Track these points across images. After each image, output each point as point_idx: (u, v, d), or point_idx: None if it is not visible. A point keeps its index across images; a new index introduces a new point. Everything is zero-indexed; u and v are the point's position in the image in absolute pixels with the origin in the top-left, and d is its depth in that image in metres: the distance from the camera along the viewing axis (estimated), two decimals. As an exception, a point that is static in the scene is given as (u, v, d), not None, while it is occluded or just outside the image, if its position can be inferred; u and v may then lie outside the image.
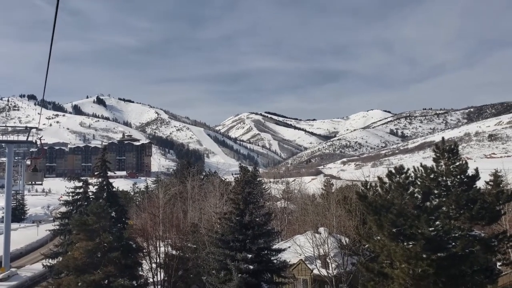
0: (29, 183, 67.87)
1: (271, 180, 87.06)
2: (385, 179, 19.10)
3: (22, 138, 54.87)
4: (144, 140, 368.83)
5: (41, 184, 64.58)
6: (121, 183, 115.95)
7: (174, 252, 35.34)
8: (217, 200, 39.92)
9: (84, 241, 30.32)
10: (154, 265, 35.47)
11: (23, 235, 69.78)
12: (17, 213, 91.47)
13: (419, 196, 18.36)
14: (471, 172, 21.28)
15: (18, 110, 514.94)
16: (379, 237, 17.81)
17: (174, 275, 33.52)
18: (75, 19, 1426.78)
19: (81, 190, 45.19)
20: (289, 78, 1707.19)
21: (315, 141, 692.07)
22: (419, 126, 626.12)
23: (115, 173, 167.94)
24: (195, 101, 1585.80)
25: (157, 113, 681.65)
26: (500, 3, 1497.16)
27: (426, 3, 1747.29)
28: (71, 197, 46.04)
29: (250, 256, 24.98)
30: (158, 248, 36.26)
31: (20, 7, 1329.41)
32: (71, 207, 45.79)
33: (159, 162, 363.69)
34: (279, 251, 27.27)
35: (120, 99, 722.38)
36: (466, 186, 20.78)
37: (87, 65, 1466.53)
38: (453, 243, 16.21)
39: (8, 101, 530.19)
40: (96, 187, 45.06)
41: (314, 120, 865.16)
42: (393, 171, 18.77)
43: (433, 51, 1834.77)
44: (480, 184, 22.72)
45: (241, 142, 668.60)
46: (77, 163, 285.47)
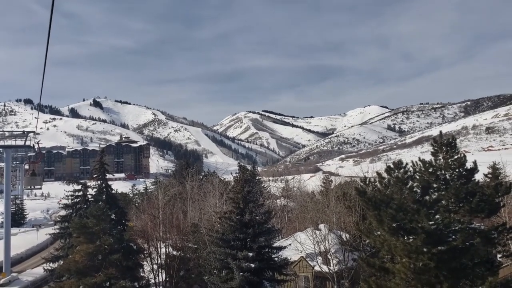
0: (28, 187, 67.76)
1: (270, 178, 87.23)
2: (384, 174, 19.13)
3: (19, 142, 54.61)
4: (141, 141, 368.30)
5: (40, 188, 64.44)
6: (120, 185, 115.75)
7: (175, 252, 35.37)
8: (216, 199, 39.91)
9: (84, 244, 30.34)
10: (155, 266, 35.50)
11: (23, 240, 69.72)
12: (17, 218, 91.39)
13: (418, 190, 18.39)
14: (469, 165, 21.26)
15: (14, 114, 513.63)
16: (379, 232, 17.83)
17: (175, 276, 33.57)
18: (69, 22, 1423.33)
19: (80, 193, 45.21)
20: (285, 76, 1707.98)
21: (313, 139, 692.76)
22: (417, 120, 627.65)
23: (113, 176, 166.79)
24: (192, 101, 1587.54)
25: (154, 114, 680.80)
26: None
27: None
28: (70, 201, 46.05)
29: (251, 254, 25.02)
30: (159, 249, 36.28)
31: (14, 12, 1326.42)
32: (71, 211, 45.78)
33: (158, 163, 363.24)
34: (280, 248, 27.30)
35: (116, 101, 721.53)
36: (465, 179, 20.77)
37: (82, 68, 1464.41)
38: (453, 236, 16.24)
39: (4, 105, 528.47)
40: (95, 190, 45.06)
41: (311, 117, 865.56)
42: (392, 166, 18.80)
43: (429, 45, 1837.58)
44: (478, 177, 22.70)
45: (239, 141, 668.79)
46: (75, 166, 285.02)
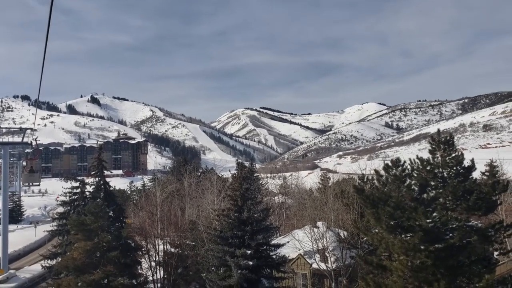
0: (26, 184, 67.49)
1: (268, 175, 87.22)
2: (382, 172, 19.17)
3: (17, 139, 54.24)
4: (139, 138, 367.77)
5: (39, 185, 64.19)
6: (118, 182, 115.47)
7: (173, 250, 35.37)
8: (214, 196, 39.94)
9: (82, 241, 30.33)
10: (153, 264, 35.50)
11: (21, 237, 69.55)
12: (14, 215, 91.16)
13: (416, 188, 18.45)
14: (467, 163, 21.36)
15: (12, 111, 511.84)
16: (377, 230, 17.89)
17: (173, 273, 33.58)
18: (67, 18, 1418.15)
19: (78, 190, 45.07)
20: (283, 72, 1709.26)
21: (311, 135, 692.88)
22: (414, 118, 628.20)
23: (111, 172, 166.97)
24: (190, 98, 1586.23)
25: (152, 110, 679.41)
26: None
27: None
28: (68, 197, 45.91)
29: (249, 252, 25.04)
30: (157, 246, 36.27)
31: (12, 7, 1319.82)
32: (69, 208, 45.67)
33: (155, 160, 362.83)
34: (278, 246, 27.34)
35: (114, 97, 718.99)
36: (462, 177, 20.88)
37: (80, 64, 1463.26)
38: (451, 234, 16.29)
39: (1, 102, 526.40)
40: (93, 186, 44.94)
41: (309, 114, 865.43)
42: (390, 164, 18.84)
43: (428, 42, 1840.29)
44: (476, 174, 22.84)
45: (237, 138, 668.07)
46: (73, 163, 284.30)
